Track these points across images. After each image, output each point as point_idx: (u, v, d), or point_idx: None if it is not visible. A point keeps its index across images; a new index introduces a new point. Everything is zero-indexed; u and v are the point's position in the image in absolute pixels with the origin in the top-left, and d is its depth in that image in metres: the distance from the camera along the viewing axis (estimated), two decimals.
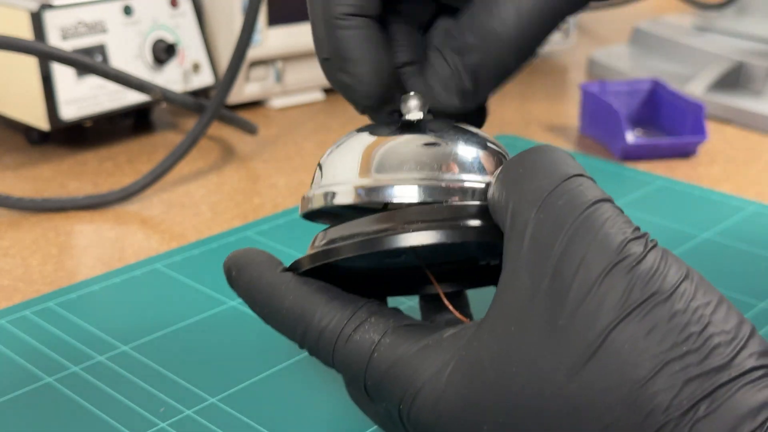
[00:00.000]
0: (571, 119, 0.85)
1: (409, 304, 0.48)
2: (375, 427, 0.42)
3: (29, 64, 0.69)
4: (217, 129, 0.80)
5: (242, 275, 0.37)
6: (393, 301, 0.42)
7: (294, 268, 0.37)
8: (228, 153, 0.76)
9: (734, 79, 0.87)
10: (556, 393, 0.29)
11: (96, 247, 0.60)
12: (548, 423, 0.29)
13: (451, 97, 0.38)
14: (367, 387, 0.34)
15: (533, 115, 0.86)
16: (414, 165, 0.35)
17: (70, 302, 0.52)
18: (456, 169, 0.35)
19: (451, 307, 0.38)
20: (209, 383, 0.45)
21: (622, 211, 0.31)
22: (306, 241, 0.59)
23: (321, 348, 0.35)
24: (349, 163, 0.37)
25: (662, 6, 1.25)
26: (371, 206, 0.37)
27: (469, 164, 0.36)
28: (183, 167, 0.72)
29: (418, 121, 0.37)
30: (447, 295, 0.39)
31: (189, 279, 0.55)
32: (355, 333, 0.34)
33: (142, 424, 0.42)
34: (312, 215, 0.39)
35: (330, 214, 0.39)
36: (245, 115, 0.81)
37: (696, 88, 0.86)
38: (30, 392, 0.44)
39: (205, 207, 0.66)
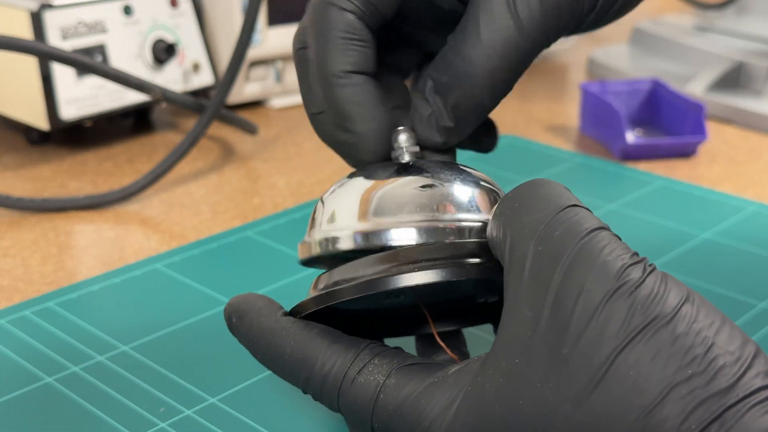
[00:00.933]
0: (571, 119, 0.85)
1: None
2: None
3: (29, 64, 0.69)
4: (217, 129, 0.80)
5: (242, 322, 0.37)
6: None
7: (296, 312, 0.37)
8: (228, 153, 0.76)
9: (734, 79, 0.87)
10: (563, 423, 0.29)
11: (96, 247, 0.60)
12: None
13: (434, 134, 0.39)
14: (374, 429, 0.34)
15: (533, 115, 0.86)
16: (412, 207, 0.36)
17: (70, 302, 0.52)
18: (453, 209, 0.36)
19: (445, 347, 0.38)
20: (209, 383, 0.45)
21: (619, 238, 0.32)
22: None
23: (325, 393, 0.35)
24: (347, 207, 0.37)
25: (662, 6, 1.25)
26: (371, 249, 0.37)
27: (465, 204, 0.36)
28: (183, 167, 0.72)
29: (413, 162, 0.38)
30: (444, 334, 0.39)
31: (189, 279, 0.55)
32: (360, 375, 0.34)
33: (142, 424, 0.42)
34: (312, 261, 0.39)
35: (329, 258, 0.39)
36: (245, 115, 0.81)
37: (696, 88, 0.86)
38: (30, 392, 0.44)
39: (205, 207, 0.66)
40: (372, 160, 0.39)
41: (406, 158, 0.38)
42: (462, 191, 0.37)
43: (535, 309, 0.30)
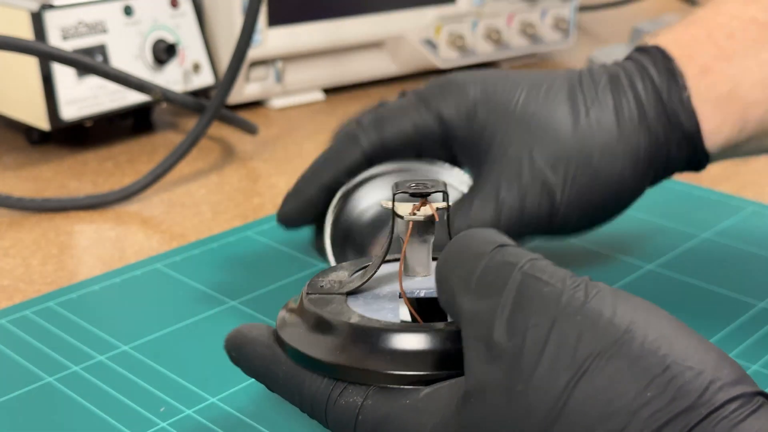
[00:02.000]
0: None
1: None
2: None
3: (30, 64, 0.69)
4: (217, 129, 0.80)
5: (241, 355, 0.38)
6: None
7: (278, 338, 0.38)
8: (228, 153, 0.76)
9: None
10: None
11: (96, 247, 0.60)
12: None
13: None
14: None
15: None
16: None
17: (71, 302, 0.52)
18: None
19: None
20: (209, 383, 0.45)
21: (553, 264, 0.31)
22: (305, 241, 0.59)
23: (315, 413, 0.36)
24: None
25: (661, 6, 1.25)
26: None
27: None
28: (183, 167, 0.72)
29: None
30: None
31: (189, 279, 0.55)
32: (341, 397, 0.34)
33: (142, 423, 0.42)
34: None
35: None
36: (245, 115, 0.81)
37: None
38: (30, 392, 0.44)
39: (206, 207, 0.66)
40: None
41: None
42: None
43: (488, 353, 0.30)
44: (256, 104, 0.87)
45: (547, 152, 0.48)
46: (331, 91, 0.90)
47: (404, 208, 0.38)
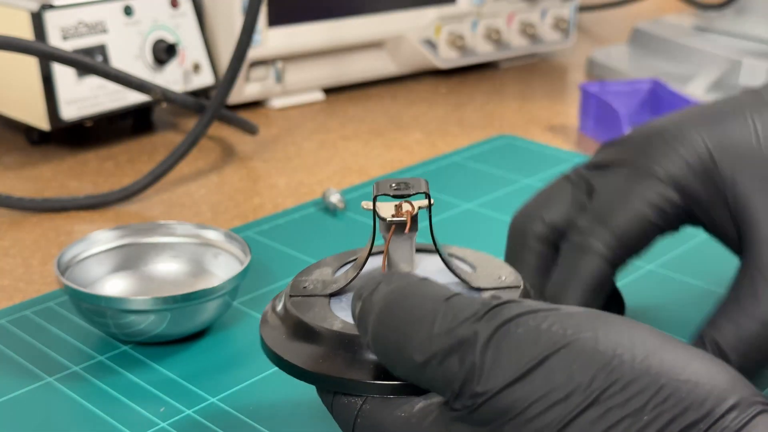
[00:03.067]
0: (570, 119, 0.85)
1: None
2: None
3: (30, 64, 0.69)
4: (217, 129, 0.81)
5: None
6: None
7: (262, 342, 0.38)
8: (228, 153, 0.76)
9: (734, 79, 0.87)
10: None
11: None
12: None
13: None
14: None
15: (533, 115, 0.86)
16: None
17: (71, 302, 0.52)
18: None
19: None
20: (209, 383, 0.45)
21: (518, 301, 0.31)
22: (305, 241, 0.59)
23: (324, 405, 0.36)
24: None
25: (662, 6, 1.25)
26: None
27: None
28: (183, 167, 0.72)
29: None
30: None
31: None
32: (345, 396, 0.34)
33: (142, 423, 0.42)
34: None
35: None
36: (245, 115, 0.81)
37: (696, 88, 0.86)
38: (31, 391, 0.44)
39: (206, 207, 0.66)
40: None
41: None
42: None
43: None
44: (256, 104, 0.87)
45: None
46: (331, 91, 0.91)
47: (386, 209, 0.37)
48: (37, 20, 0.69)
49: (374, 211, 0.37)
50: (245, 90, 0.84)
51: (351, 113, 0.86)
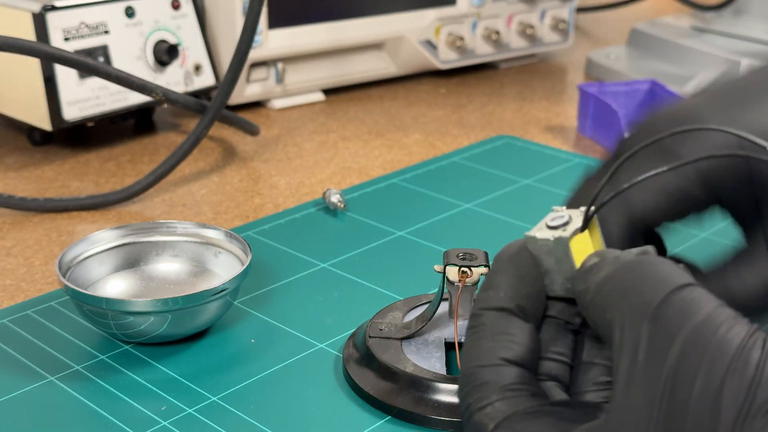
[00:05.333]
0: (569, 120, 0.85)
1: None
2: (374, 426, 0.42)
3: (32, 65, 0.70)
4: (218, 129, 0.81)
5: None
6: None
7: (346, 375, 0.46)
8: (229, 153, 0.77)
9: None
10: None
11: None
12: None
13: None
14: None
15: (532, 115, 0.87)
16: None
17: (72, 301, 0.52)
18: None
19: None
20: (210, 382, 0.45)
21: (738, 314, 0.30)
22: (306, 241, 0.60)
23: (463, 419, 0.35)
24: None
25: (660, 7, 1.26)
26: None
27: None
28: (184, 167, 0.73)
29: None
30: None
31: None
32: (479, 412, 0.34)
33: (144, 422, 0.42)
34: None
35: None
36: (246, 116, 0.82)
37: (694, 89, 0.86)
38: (33, 390, 0.45)
39: (207, 207, 0.66)
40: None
41: None
42: None
43: (649, 391, 0.29)
44: (256, 105, 0.87)
45: None
46: (331, 91, 0.91)
47: (453, 273, 0.45)
48: (39, 21, 0.69)
49: (444, 274, 0.45)
50: (246, 91, 0.84)
51: (351, 114, 0.86)
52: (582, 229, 0.36)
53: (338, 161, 0.75)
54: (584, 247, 0.35)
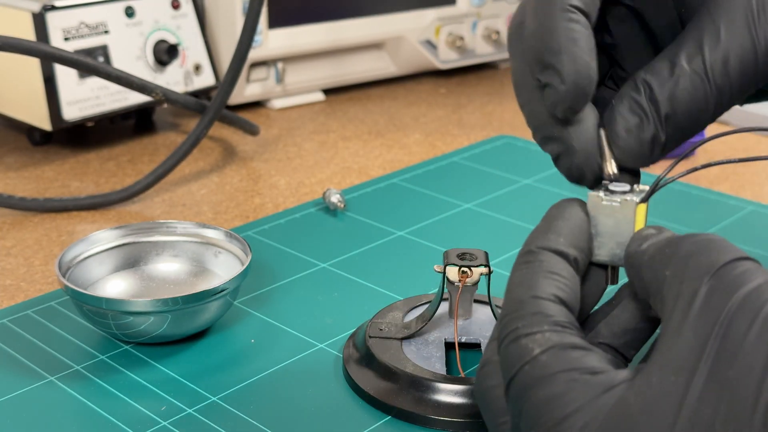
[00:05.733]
0: None
1: None
2: (374, 426, 0.42)
3: (32, 65, 0.70)
4: (218, 129, 0.81)
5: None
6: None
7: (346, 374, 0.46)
8: (229, 153, 0.76)
9: None
10: None
11: None
12: None
13: (638, 146, 0.37)
14: (508, 390, 0.34)
15: None
16: None
17: (72, 301, 0.52)
18: None
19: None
20: (210, 382, 0.45)
21: None
22: (306, 241, 0.60)
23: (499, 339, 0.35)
24: None
25: None
26: None
27: None
28: (184, 167, 0.73)
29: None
30: None
31: None
32: (526, 338, 0.34)
33: (143, 422, 0.42)
34: None
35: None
36: (246, 116, 0.82)
37: None
38: (32, 390, 0.45)
39: (207, 207, 0.66)
40: (569, 106, 0.36)
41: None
42: None
43: (701, 335, 0.30)
44: (256, 105, 0.87)
45: None
46: (331, 91, 0.91)
47: (453, 273, 0.45)
48: (39, 21, 0.69)
49: (444, 274, 0.45)
50: (246, 90, 0.84)
51: (351, 114, 0.86)
52: (645, 199, 0.37)
53: (338, 161, 0.75)
54: (639, 218, 0.37)
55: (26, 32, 0.69)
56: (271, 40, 0.83)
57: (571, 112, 0.36)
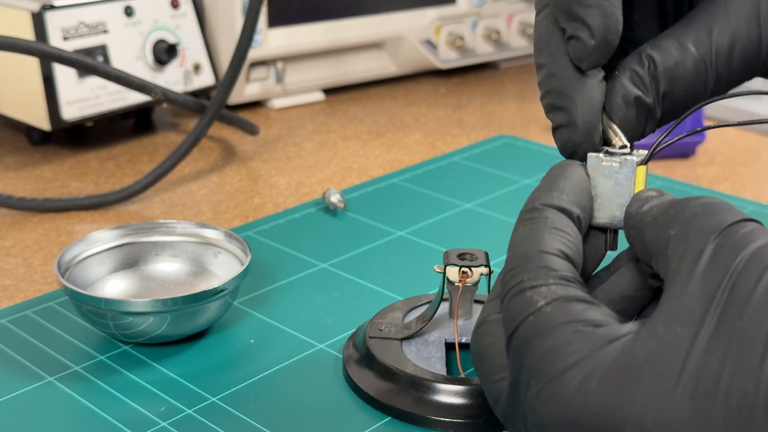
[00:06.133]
0: None
1: None
2: (374, 426, 0.42)
3: (31, 64, 0.70)
4: (217, 129, 0.81)
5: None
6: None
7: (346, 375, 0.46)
8: (228, 153, 0.76)
9: None
10: (728, 391, 0.29)
11: None
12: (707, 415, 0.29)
13: (636, 119, 0.38)
14: (510, 343, 0.34)
15: (532, 115, 0.86)
16: None
17: (71, 302, 0.52)
18: None
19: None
20: (210, 382, 0.45)
21: None
22: (306, 241, 0.60)
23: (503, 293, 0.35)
24: None
25: None
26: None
27: None
28: (184, 167, 0.73)
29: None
30: None
31: None
32: (530, 291, 0.34)
33: (142, 422, 0.42)
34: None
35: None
36: (245, 116, 0.82)
37: None
38: (32, 391, 0.44)
39: (206, 207, 0.66)
40: (595, 61, 0.37)
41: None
42: None
43: (709, 288, 0.30)
44: (256, 104, 0.87)
45: None
46: (331, 91, 0.91)
47: (453, 273, 0.45)
48: (38, 20, 0.69)
49: (444, 275, 0.45)
50: (245, 90, 0.84)
51: (351, 113, 0.86)
52: (645, 161, 0.37)
53: (338, 161, 0.74)
54: (639, 180, 0.37)
55: (25, 32, 0.69)
56: (271, 40, 0.83)
57: (595, 65, 0.37)
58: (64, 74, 0.70)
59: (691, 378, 0.29)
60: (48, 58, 0.64)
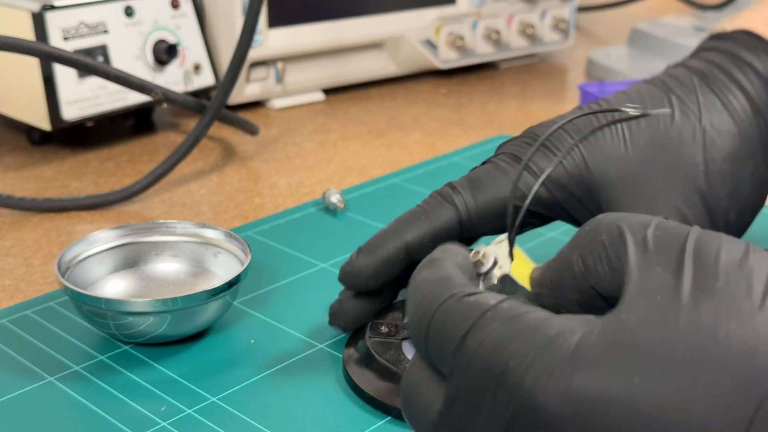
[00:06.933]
0: None
1: None
2: (374, 426, 0.42)
3: (31, 64, 0.70)
4: (217, 129, 0.81)
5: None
6: None
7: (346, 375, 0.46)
8: (229, 153, 0.76)
9: None
10: (726, 342, 0.29)
11: None
12: (711, 369, 0.29)
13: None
14: (459, 347, 0.32)
15: (533, 115, 0.86)
16: None
17: (71, 302, 0.52)
18: None
19: None
20: (210, 382, 0.45)
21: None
22: (306, 241, 0.60)
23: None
24: None
25: (661, 7, 1.26)
26: None
27: None
28: (184, 167, 0.73)
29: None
30: None
31: None
32: (472, 296, 0.32)
33: (143, 422, 0.42)
34: None
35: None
36: (245, 116, 0.82)
37: None
38: (32, 391, 0.44)
39: (206, 207, 0.66)
40: None
41: None
42: None
43: (670, 264, 0.30)
44: (256, 104, 0.87)
45: (681, 189, 0.45)
46: (331, 91, 0.91)
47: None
48: (38, 21, 0.69)
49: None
50: (246, 90, 0.84)
51: (351, 113, 0.86)
52: (511, 254, 0.36)
53: (338, 161, 0.75)
54: (519, 263, 0.36)
55: (25, 32, 0.69)
56: (271, 40, 0.83)
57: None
58: (64, 74, 0.70)
59: (690, 328, 0.29)
60: (48, 58, 0.64)
